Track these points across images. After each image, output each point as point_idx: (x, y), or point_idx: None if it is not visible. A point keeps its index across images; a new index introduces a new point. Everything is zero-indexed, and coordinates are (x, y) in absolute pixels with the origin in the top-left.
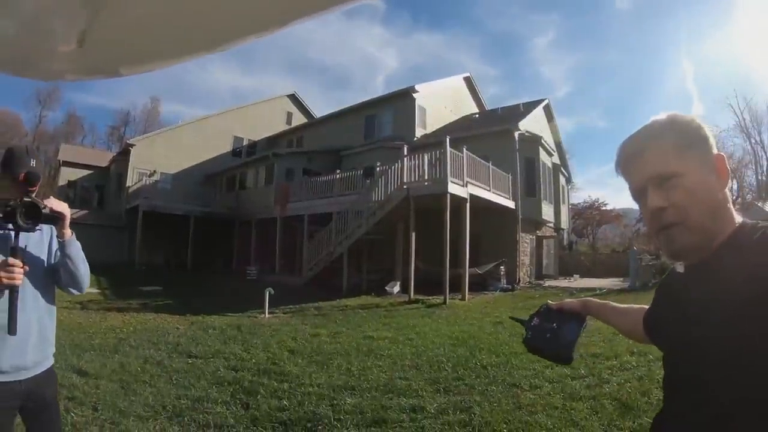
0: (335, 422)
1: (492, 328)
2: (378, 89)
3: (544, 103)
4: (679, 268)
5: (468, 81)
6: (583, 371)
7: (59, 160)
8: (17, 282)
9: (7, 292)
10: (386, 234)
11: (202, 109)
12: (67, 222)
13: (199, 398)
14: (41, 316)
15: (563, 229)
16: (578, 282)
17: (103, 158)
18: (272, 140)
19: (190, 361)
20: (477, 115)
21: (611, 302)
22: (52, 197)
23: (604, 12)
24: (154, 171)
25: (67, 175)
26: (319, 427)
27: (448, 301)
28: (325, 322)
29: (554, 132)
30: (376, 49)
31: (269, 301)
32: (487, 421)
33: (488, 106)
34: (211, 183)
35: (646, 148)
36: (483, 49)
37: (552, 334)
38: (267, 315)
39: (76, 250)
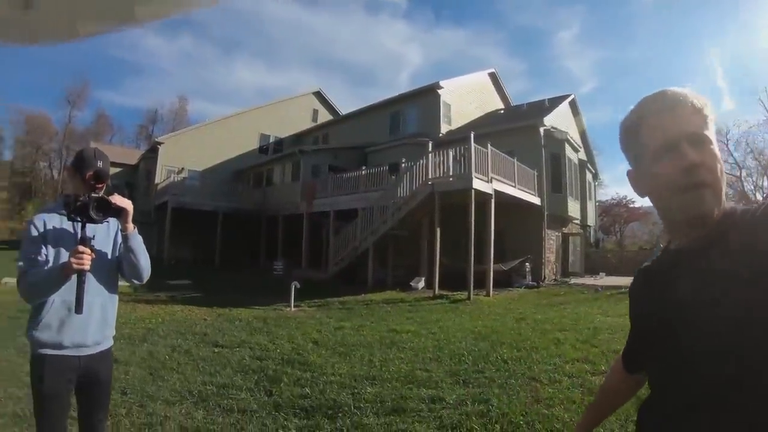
0: (355, 410)
1: (515, 323)
2: (402, 86)
3: (569, 99)
4: (673, 245)
5: (493, 77)
6: (603, 367)
7: None
8: (86, 267)
9: (75, 275)
10: (411, 230)
11: (228, 107)
12: (130, 216)
13: (224, 385)
14: (104, 301)
15: (590, 226)
16: (604, 280)
17: (131, 156)
18: (298, 137)
19: (216, 351)
20: (502, 111)
21: (587, 416)
22: (116, 194)
23: (630, 4)
24: (182, 168)
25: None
26: (340, 415)
27: (472, 296)
28: (350, 315)
29: (580, 127)
30: (400, 45)
31: (295, 294)
32: (504, 413)
33: (513, 102)
34: (238, 180)
35: (680, 104)
36: (507, 44)
37: None
38: (293, 308)
39: (137, 243)
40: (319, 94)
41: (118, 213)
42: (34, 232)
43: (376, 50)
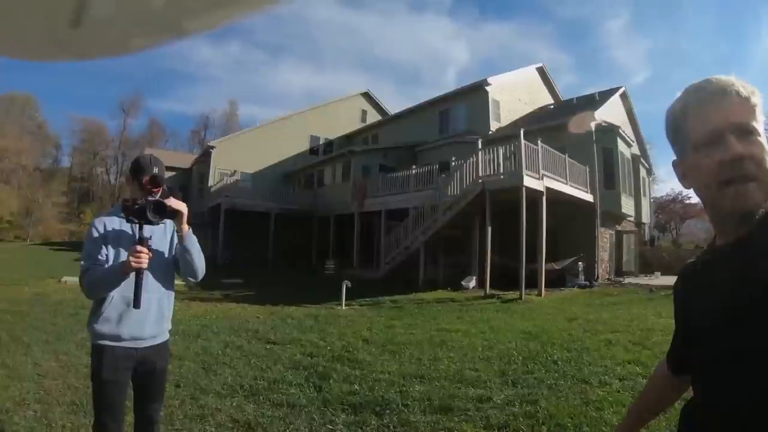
0: (402, 407)
1: (566, 324)
2: (449, 83)
3: (620, 91)
4: (693, 259)
5: (541, 71)
6: None
7: None
8: (143, 265)
9: (134, 273)
10: (462, 229)
11: (278, 110)
12: (185, 218)
13: (275, 380)
14: (161, 297)
15: (644, 224)
16: (659, 280)
17: (185, 160)
18: (348, 138)
19: (268, 347)
20: (552, 106)
21: (629, 418)
22: (172, 197)
23: None
24: (235, 171)
25: None
26: (387, 412)
27: (523, 296)
28: (401, 314)
29: (633, 121)
30: (445, 42)
31: (346, 293)
32: (552, 414)
33: (563, 97)
34: (289, 181)
35: (725, 93)
36: (554, 37)
37: None
38: (344, 307)
39: (192, 242)
40: (367, 95)
41: (174, 215)
42: (95, 234)
43: (422, 48)
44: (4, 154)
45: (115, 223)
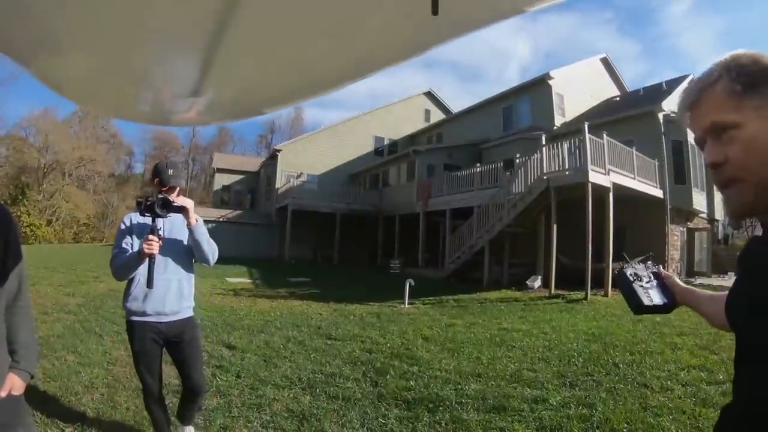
0: (456, 405)
1: (631, 325)
2: (511, 79)
3: (689, 79)
4: (758, 230)
5: (605, 62)
6: (721, 376)
7: (214, 168)
8: (154, 251)
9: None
10: (528, 227)
11: (341, 113)
12: (191, 212)
13: (332, 374)
14: (180, 279)
15: (718, 221)
16: (732, 280)
17: (253, 164)
18: (412, 138)
19: (328, 343)
20: (617, 98)
21: (707, 292)
22: (181, 195)
23: None
24: (301, 173)
25: (221, 180)
26: (440, 408)
27: (589, 296)
28: (463, 313)
29: None
30: (506, 37)
31: (410, 292)
32: (607, 419)
33: (629, 87)
34: (354, 182)
35: (700, 94)
36: (616, 24)
37: (630, 290)
38: (406, 305)
39: (200, 233)
40: (430, 94)
41: (180, 209)
42: (123, 227)
43: (482, 44)
44: (80, 162)
45: (140, 218)
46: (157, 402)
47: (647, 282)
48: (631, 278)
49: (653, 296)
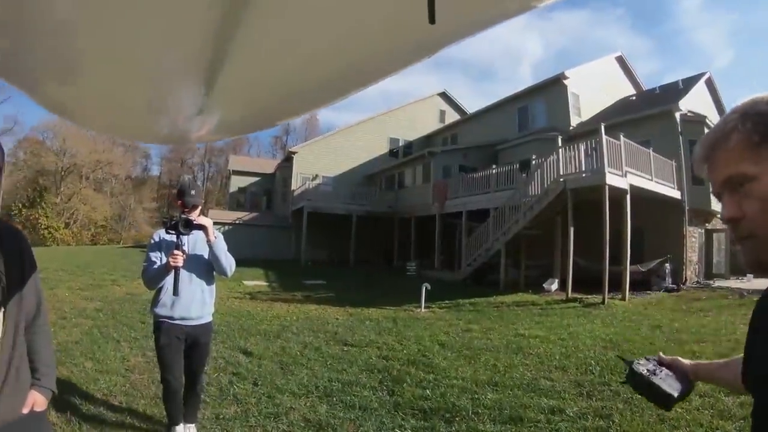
0: (472, 415)
1: (649, 331)
2: (524, 78)
3: (705, 77)
4: None
5: (620, 60)
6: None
7: (229, 170)
8: (179, 264)
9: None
10: (544, 229)
11: (355, 115)
12: (211, 230)
13: (349, 382)
14: (203, 289)
15: None
16: (751, 283)
17: (268, 166)
18: (427, 139)
19: (345, 349)
20: (633, 97)
21: (718, 360)
22: (201, 216)
23: None
24: (316, 175)
25: (237, 182)
26: (457, 419)
27: (606, 300)
28: (479, 317)
29: (721, 110)
30: (517, 35)
31: (426, 295)
32: (624, 431)
33: (645, 86)
34: (370, 183)
35: (716, 145)
36: (628, 20)
37: (652, 386)
38: (423, 309)
39: (219, 248)
40: (444, 95)
41: (200, 227)
42: (152, 242)
43: (494, 42)
44: (97, 165)
45: (166, 235)
46: (175, 395)
47: (660, 372)
48: (647, 373)
49: (673, 385)
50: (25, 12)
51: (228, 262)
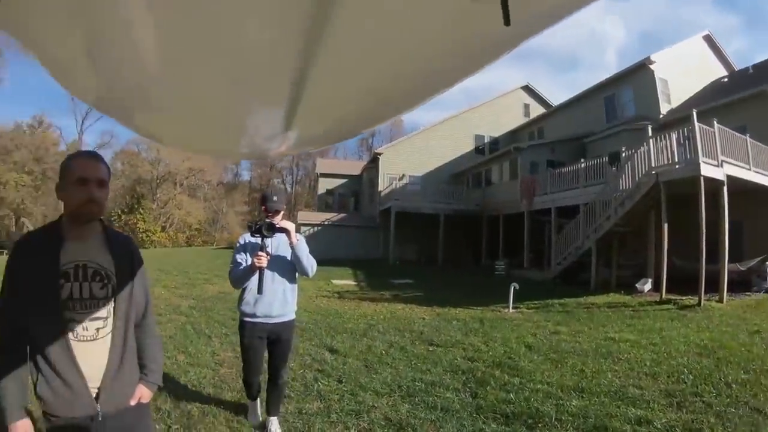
0: (555, 422)
1: (747, 338)
2: (609, 65)
3: None
4: None
5: (709, 40)
6: None
7: (317, 173)
8: (263, 264)
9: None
10: (637, 226)
11: (439, 113)
12: (293, 233)
13: (432, 383)
14: (285, 289)
15: None
16: None
17: (355, 167)
18: (513, 134)
19: (430, 349)
20: (725, 79)
21: None
22: (284, 220)
23: None
24: (403, 175)
25: (325, 184)
26: (539, 425)
27: (702, 302)
28: (568, 319)
29: None
30: (598, 20)
31: (515, 295)
32: None
33: (736, 65)
34: (457, 182)
35: None
36: None
37: None
38: (510, 309)
39: (300, 250)
40: (528, 88)
41: (283, 231)
42: (238, 245)
43: (575, 30)
44: (190, 172)
45: (251, 238)
46: (253, 385)
47: None
48: None
49: None
50: (115, 52)
51: (309, 263)
